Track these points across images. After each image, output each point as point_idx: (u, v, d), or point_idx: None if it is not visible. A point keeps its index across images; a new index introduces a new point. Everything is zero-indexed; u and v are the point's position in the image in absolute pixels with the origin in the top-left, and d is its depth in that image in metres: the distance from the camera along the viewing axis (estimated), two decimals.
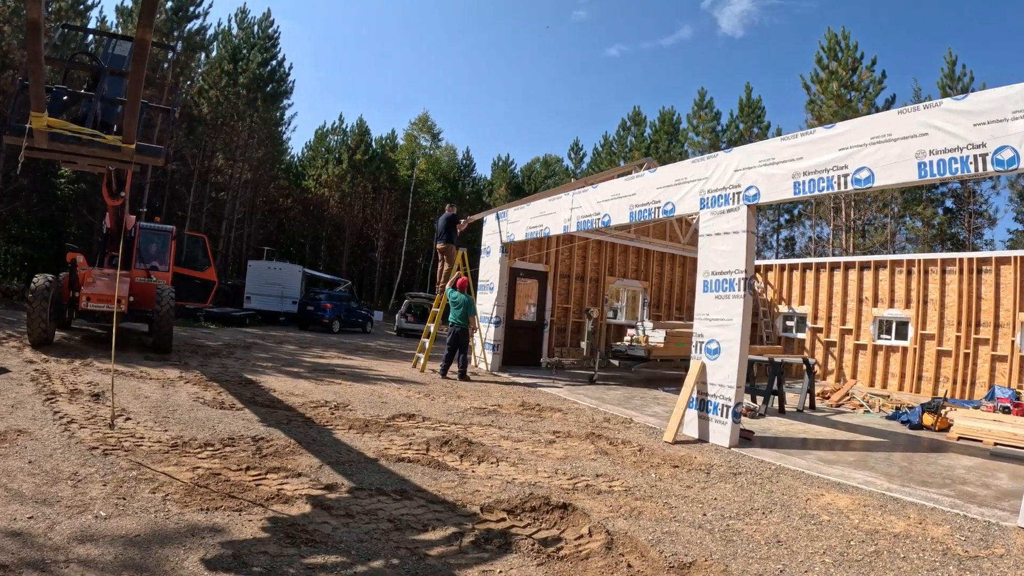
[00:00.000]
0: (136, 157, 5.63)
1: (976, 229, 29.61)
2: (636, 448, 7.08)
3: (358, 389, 9.80)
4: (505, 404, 9.56)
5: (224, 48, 34.30)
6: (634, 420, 9.06)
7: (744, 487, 5.68)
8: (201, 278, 15.17)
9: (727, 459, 6.85)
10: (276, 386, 9.32)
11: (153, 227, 13.98)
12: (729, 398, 7.70)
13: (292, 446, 5.80)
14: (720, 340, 8.04)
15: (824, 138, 7.13)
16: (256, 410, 7.33)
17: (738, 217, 8.06)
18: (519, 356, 15.27)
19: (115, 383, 7.97)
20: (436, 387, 10.83)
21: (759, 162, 7.86)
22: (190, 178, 31.47)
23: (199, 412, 6.90)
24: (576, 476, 5.70)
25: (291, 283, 27.28)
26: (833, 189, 7.04)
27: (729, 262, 8.06)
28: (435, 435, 6.88)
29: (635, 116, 43.72)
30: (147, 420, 6.28)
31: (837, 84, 29.83)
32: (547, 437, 7.38)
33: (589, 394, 11.45)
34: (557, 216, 11.87)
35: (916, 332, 15.37)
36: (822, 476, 6.24)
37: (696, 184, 8.81)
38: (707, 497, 5.28)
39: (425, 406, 8.79)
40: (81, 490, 4.19)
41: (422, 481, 5.18)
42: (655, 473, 6.02)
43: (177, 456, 5.15)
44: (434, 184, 48.75)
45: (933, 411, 10.24)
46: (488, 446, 6.61)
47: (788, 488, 5.73)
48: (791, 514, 4.96)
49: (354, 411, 7.89)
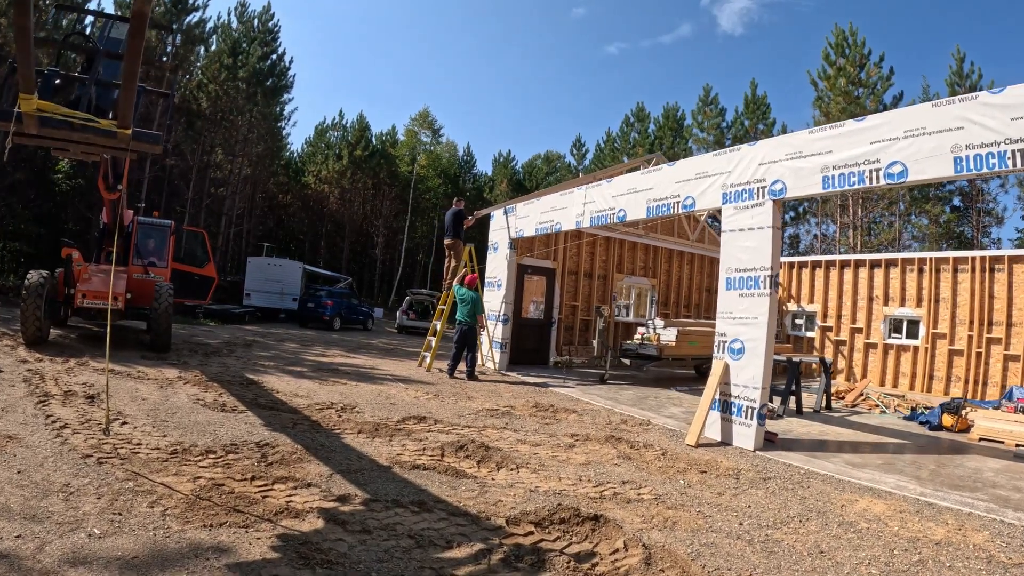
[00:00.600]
0: (133, 144, 5.24)
1: (983, 227, 29.29)
2: (659, 452, 6.79)
3: (364, 390, 9.45)
4: (518, 405, 9.22)
5: (224, 42, 33.82)
6: (652, 422, 8.77)
7: (776, 493, 5.45)
8: (200, 274, 14.76)
9: (754, 463, 6.60)
10: (279, 387, 8.96)
11: (151, 222, 13.58)
12: (754, 400, 7.41)
13: (299, 453, 5.45)
14: (744, 339, 7.76)
15: (854, 131, 6.87)
16: (259, 413, 6.97)
17: (763, 212, 7.76)
18: (526, 355, 14.92)
19: (111, 384, 7.62)
20: (444, 387, 10.48)
21: (785, 155, 7.58)
22: (189, 173, 31.01)
23: (199, 415, 6.53)
24: (602, 483, 5.40)
25: (291, 280, 26.92)
26: (865, 184, 6.75)
27: (754, 259, 7.77)
28: (449, 439, 6.53)
29: (639, 112, 43.30)
30: (144, 424, 5.91)
31: (845, 80, 29.48)
32: (565, 441, 7.06)
33: (602, 394, 11.12)
34: (569, 211, 11.51)
35: (927, 331, 15.16)
36: (853, 480, 6.02)
37: (718, 178, 8.52)
38: (740, 505, 5.03)
39: (435, 408, 8.44)
40: (73, 504, 3.83)
41: (440, 491, 4.84)
42: (683, 479, 5.74)
43: (177, 465, 4.79)
44: (435, 180, 48.37)
45: (953, 412, 10.01)
46: (506, 451, 6.28)
47: (821, 493, 5.52)
48: (829, 522, 4.74)
49: (362, 413, 7.54)
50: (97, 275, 11.35)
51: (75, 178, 24.61)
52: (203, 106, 31.69)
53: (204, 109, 31.73)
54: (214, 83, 31.89)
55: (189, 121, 30.63)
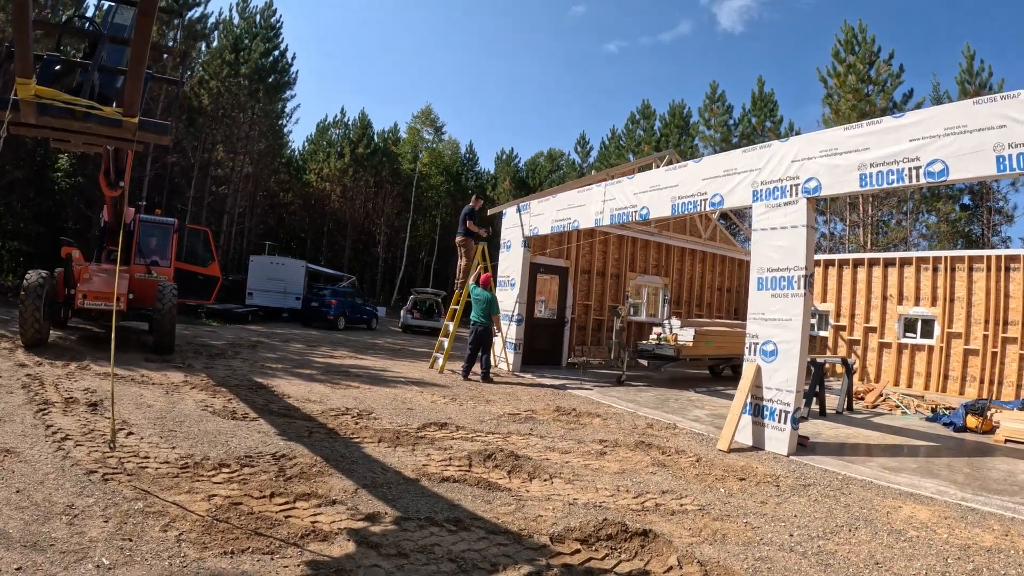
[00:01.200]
0: (139, 134, 4.83)
1: (994, 226, 28.94)
2: (693, 458, 6.50)
3: (378, 393, 9.07)
4: (539, 409, 8.85)
5: (225, 38, 33.36)
6: (679, 426, 8.49)
7: (819, 501, 5.24)
8: (204, 274, 14.31)
9: (790, 469, 6.37)
10: (290, 391, 8.57)
11: (154, 220, 13.14)
12: (788, 403, 7.17)
13: (319, 465, 5.07)
14: (777, 341, 7.53)
15: (892, 128, 6.65)
16: (272, 420, 6.59)
17: (797, 211, 7.55)
18: (539, 355, 14.54)
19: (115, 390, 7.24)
20: (460, 390, 10.11)
21: (820, 152, 7.36)
22: (190, 171, 30.54)
23: (209, 424, 6.15)
24: (641, 494, 5.11)
25: (294, 279, 26.54)
26: (904, 182, 6.54)
27: (787, 258, 7.56)
28: (475, 448, 6.16)
29: (644, 110, 42.80)
30: (151, 435, 5.52)
31: (855, 78, 29.10)
32: (595, 447, 6.73)
33: (621, 396, 10.79)
34: (587, 208, 11.14)
35: (943, 330, 15.01)
36: (892, 486, 5.86)
37: (748, 175, 8.25)
38: (786, 514, 4.82)
39: (454, 413, 8.07)
40: (79, 528, 3.45)
41: (475, 506, 4.49)
42: (723, 488, 5.48)
43: (189, 481, 4.41)
44: (437, 178, 47.97)
45: (977, 413, 9.83)
46: (536, 460, 5.92)
47: (863, 500, 5.34)
48: (878, 530, 4.58)
49: (379, 420, 7.16)
50: (98, 275, 10.96)
51: (75, 176, 24.19)
52: (204, 103, 31.24)
53: (206, 106, 31.27)
54: (216, 79, 31.45)
55: (191, 118, 30.15)
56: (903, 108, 28.08)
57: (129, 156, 8.87)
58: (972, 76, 27.26)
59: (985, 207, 28.58)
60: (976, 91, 26.61)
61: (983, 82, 26.95)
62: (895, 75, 28.74)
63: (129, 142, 5.06)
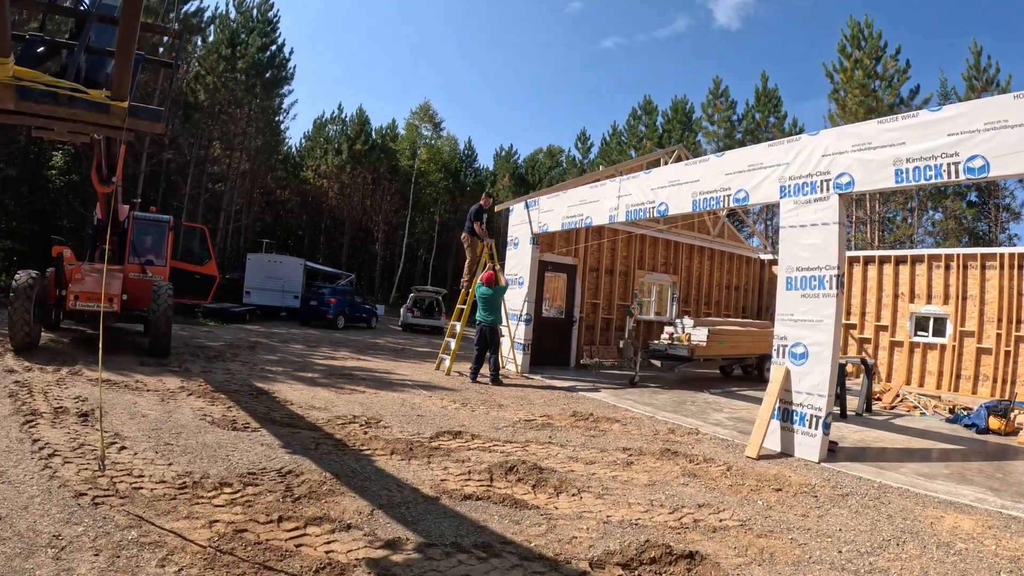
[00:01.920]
0: (129, 121, 4.37)
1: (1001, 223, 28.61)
2: (723, 467, 6.19)
3: (385, 399, 8.64)
4: (554, 414, 8.45)
5: (222, 32, 32.76)
6: (701, 431, 8.13)
7: (860, 512, 5.00)
8: (201, 273, 13.86)
9: (824, 477, 6.09)
10: (292, 397, 8.14)
11: (148, 217, 12.65)
12: (819, 408, 6.86)
13: (329, 482, 4.64)
14: (807, 343, 7.21)
15: (929, 122, 6.33)
16: (275, 430, 6.16)
17: (828, 207, 7.20)
18: (546, 355, 14.12)
19: (107, 398, 6.81)
20: (470, 394, 9.69)
21: (852, 147, 7.03)
22: (186, 168, 29.99)
23: (208, 435, 5.71)
24: (676, 508, 4.78)
25: (292, 277, 26.10)
26: (943, 178, 6.25)
27: (817, 257, 7.22)
28: (493, 459, 5.76)
29: (646, 105, 42.26)
30: (146, 449, 5.08)
31: (862, 72, 28.73)
32: (619, 456, 6.35)
33: (637, 399, 10.42)
34: (601, 204, 10.72)
35: (955, 329, 14.80)
36: (929, 494, 5.65)
37: (774, 170, 7.88)
38: (829, 528, 4.58)
39: (467, 419, 7.65)
40: (66, 564, 3.04)
41: (503, 527, 4.10)
42: (760, 500, 5.18)
43: (188, 504, 3.99)
44: (436, 175, 47.43)
45: (1000, 415, 9.69)
46: (560, 472, 5.54)
47: (904, 511, 5.12)
48: (926, 543, 4.38)
49: (389, 428, 6.74)
50: (90, 275, 10.49)
51: (70, 173, 23.71)
52: (201, 98, 30.68)
53: (202, 101, 30.72)
54: (212, 75, 30.89)
55: (186, 114, 29.60)
56: (910, 104, 27.93)
57: (122, 150, 8.44)
58: (980, 72, 26.85)
59: (992, 204, 28.22)
60: (983, 87, 26.37)
61: (990, 78, 26.57)
62: (902, 71, 28.41)
63: (119, 130, 4.57)
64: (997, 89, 26.06)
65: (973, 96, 26.27)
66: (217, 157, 33.74)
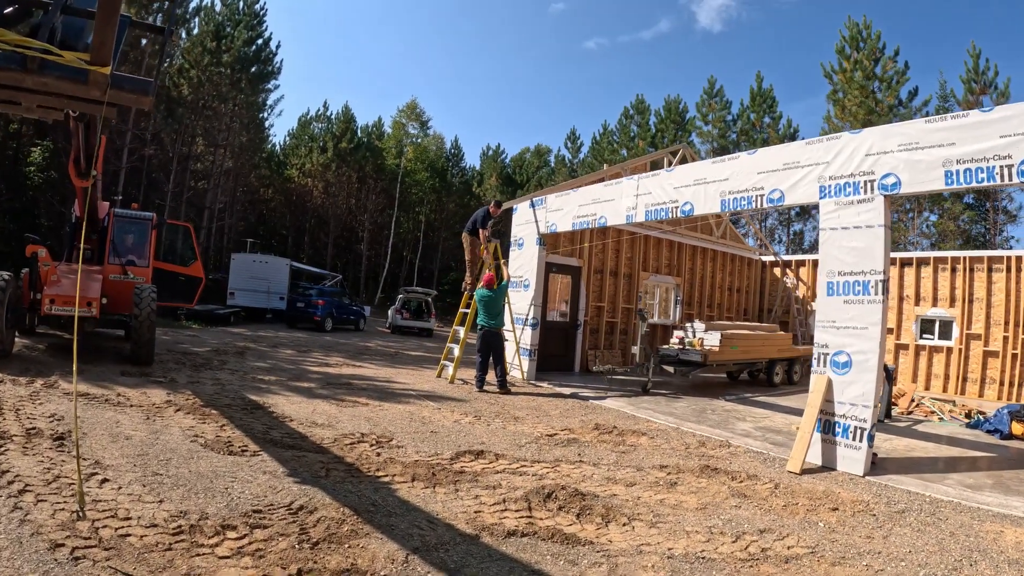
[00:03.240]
0: (112, 93, 3.67)
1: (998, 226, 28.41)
2: (770, 485, 5.79)
3: (391, 412, 7.96)
4: (576, 428, 7.84)
5: (206, 25, 31.73)
6: (732, 443, 7.66)
7: (922, 530, 4.76)
8: (186, 274, 13.04)
9: (874, 492, 5.79)
10: (290, 411, 7.43)
11: (130, 214, 11.79)
12: (864, 419, 6.53)
13: (349, 520, 3.97)
14: (851, 351, 6.80)
15: (980, 123, 6.05)
16: (277, 453, 5.45)
17: (872, 209, 6.84)
18: (550, 361, 13.48)
19: (86, 416, 6.08)
20: (481, 405, 9.04)
21: (898, 146, 6.66)
22: (169, 164, 29.01)
23: (202, 462, 4.99)
24: (738, 536, 4.37)
25: (278, 278, 25.31)
26: (995, 181, 5.94)
27: (862, 261, 6.84)
28: (527, 484, 5.13)
29: (638, 105, 41.57)
30: (132, 481, 4.36)
31: (862, 74, 28.46)
32: (658, 475, 5.82)
33: (655, 408, 9.88)
34: (617, 203, 10.12)
35: (961, 332, 14.80)
36: (982, 507, 5.47)
37: (813, 169, 7.45)
38: (899, 551, 4.31)
39: (484, 435, 7.00)
40: None
41: (559, 569, 3.57)
42: (821, 521, 4.83)
43: (186, 556, 3.28)
44: (422, 174, 46.60)
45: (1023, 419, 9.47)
46: (602, 497, 4.97)
47: (963, 526, 4.92)
48: (997, 562, 4.19)
49: (403, 448, 6.07)
50: (67, 276, 9.70)
51: (49, 170, 22.75)
52: (184, 93, 29.68)
53: (186, 96, 29.71)
54: (196, 69, 29.90)
55: (169, 109, 28.62)
56: (909, 106, 27.73)
57: (102, 141, 7.71)
58: (979, 75, 26.55)
59: (991, 206, 27.98)
60: (982, 90, 26.18)
61: (989, 81, 26.29)
62: (901, 72, 28.15)
63: (98, 104, 3.82)
64: (996, 92, 25.87)
65: (972, 99, 26.08)
66: (200, 154, 32.78)
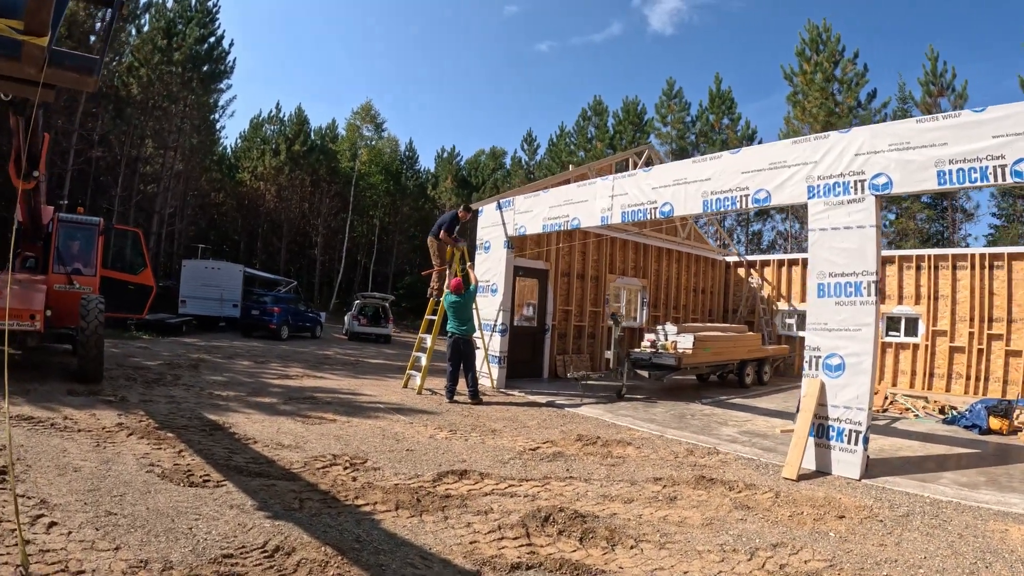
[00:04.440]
0: (50, 72, 3.14)
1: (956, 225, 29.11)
2: (770, 494, 5.62)
3: (361, 428, 7.48)
4: (557, 439, 7.52)
5: (157, 21, 30.52)
6: (720, 449, 7.50)
7: (931, 534, 4.72)
8: (135, 283, 12.28)
9: (873, 496, 5.75)
10: (253, 431, 6.90)
11: (75, 219, 10.97)
12: (859, 422, 6.48)
13: (333, 561, 3.54)
14: (844, 354, 6.74)
15: (972, 123, 6.03)
16: (243, 483, 4.95)
17: (863, 209, 6.79)
18: (518, 367, 13.09)
19: (30, 443, 5.50)
20: (454, 417, 8.63)
21: (889, 146, 6.58)
22: (117, 167, 27.75)
23: (160, 496, 4.46)
24: (753, 553, 4.17)
25: (231, 284, 24.40)
26: (988, 180, 5.93)
27: (853, 262, 6.78)
28: (520, 507, 4.79)
29: (596, 106, 41.50)
30: (83, 524, 3.82)
31: (822, 76, 28.93)
32: (654, 489, 5.57)
33: (633, 415, 9.66)
34: (591, 204, 9.82)
35: (928, 328, 15.26)
36: (982, 506, 5.50)
37: (800, 169, 7.35)
38: (912, 557, 4.23)
39: (464, 451, 6.61)
40: None
41: None
42: (830, 531, 4.71)
43: None
44: (376, 176, 45.86)
45: (1000, 415, 9.71)
46: (602, 517, 4.69)
47: (969, 527, 4.92)
48: (1009, 562, 4.19)
49: (380, 471, 5.64)
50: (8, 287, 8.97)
51: None
52: (134, 92, 28.43)
53: (135, 95, 28.46)
54: (146, 67, 28.66)
55: (118, 109, 27.38)
56: (868, 107, 28.35)
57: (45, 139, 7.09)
58: (936, 77, 27.17)
59: (949, 204, 28.61)
60: (940, 92, 26.83)
61: (947, 83, 26.93)
62: (860, 74, 28.71)
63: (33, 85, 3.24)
64: (954, 94, 26.49)
65: (930, 101, 26.66)
66: (150, 156, 31.54)
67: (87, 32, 21.74)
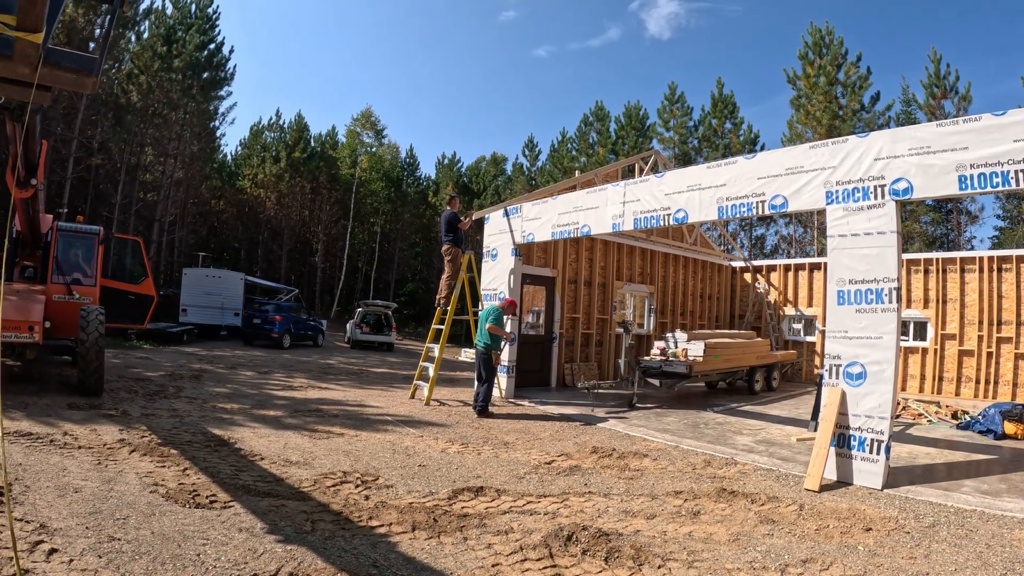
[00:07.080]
0: (45, 72, 2.98)
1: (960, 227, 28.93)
2: (794, 507, 5.47)
3: (371, 443, 7.27)
4: (572, 452, 7.32)
5: (157, 28, 30.39)
6: (737, 460, 7.30)
7: (960, 545, 4.61)
8: (136, 292, 12.09)
9: (897, 506, 5.62)
10: (260, 447, 6.70)
11: (75, 228, 10.78)
12: (881, 431, 6.31)
13: None
14: (865, 362, 6.56)
15: (993, 127, 5.87)
16: (252, 503, 4.75)
17: (883, 215, 6.60)
18: (526, 376, 12.91)
19: (28, 462, 5.30)
20: (465, 430, 8.42)
21: (909, 150, 6.41)
22: (116, 175, 27.55)
23: (165, 519, 4.26)
24: (783, 570, 4.02)
25: (232, 293, 24.24)
26: (1011, 185, 5.77)
27: (874, 268, 6.59)
28: (540, 525, 4.58)
29: (598, 111, 41.16)
30: (85, 550, 3.61)
31: (825, 79, 28.77)
32: (676, 504, 5.39)
33: (647, 424, 9.48)
34: (602, 211, 9.63)
35: (936, 332, 15.20)
36: (1006, 514, 5.38)
37: (818, 174, 7.16)
38: (943, 569, 4.15)
39: (478, 466, 6.40)
40: None
41: None
42: (859, 544, 4.57)
43: None
44: (377, 183, 45.74)
45: (1015, 419, 9.52)
46: (626, 534, 4.50)
47: (996, 537, 4.81)
48: None
49: (393, 488, 5.43)
50: (7, 299, 8.78)
51: None
52: (133, 99, 28.26)
53: (135, 103, 28.29)
54: (146, 74, 28.50)
55: (117, 116, 27.17)
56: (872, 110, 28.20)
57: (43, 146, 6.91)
58: (939, 80, 27.02)
59: (954, 207, 28.43)
60: (943, 95, 26.68)
61: (951, 86, 26.78)
62: (863, 77, 28.50)
63: (27, 86, 3.05)
64: (957, 96, 26.34)
65: (933, 103, 26.52)
66: (150, 164, 31.38)
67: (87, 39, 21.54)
